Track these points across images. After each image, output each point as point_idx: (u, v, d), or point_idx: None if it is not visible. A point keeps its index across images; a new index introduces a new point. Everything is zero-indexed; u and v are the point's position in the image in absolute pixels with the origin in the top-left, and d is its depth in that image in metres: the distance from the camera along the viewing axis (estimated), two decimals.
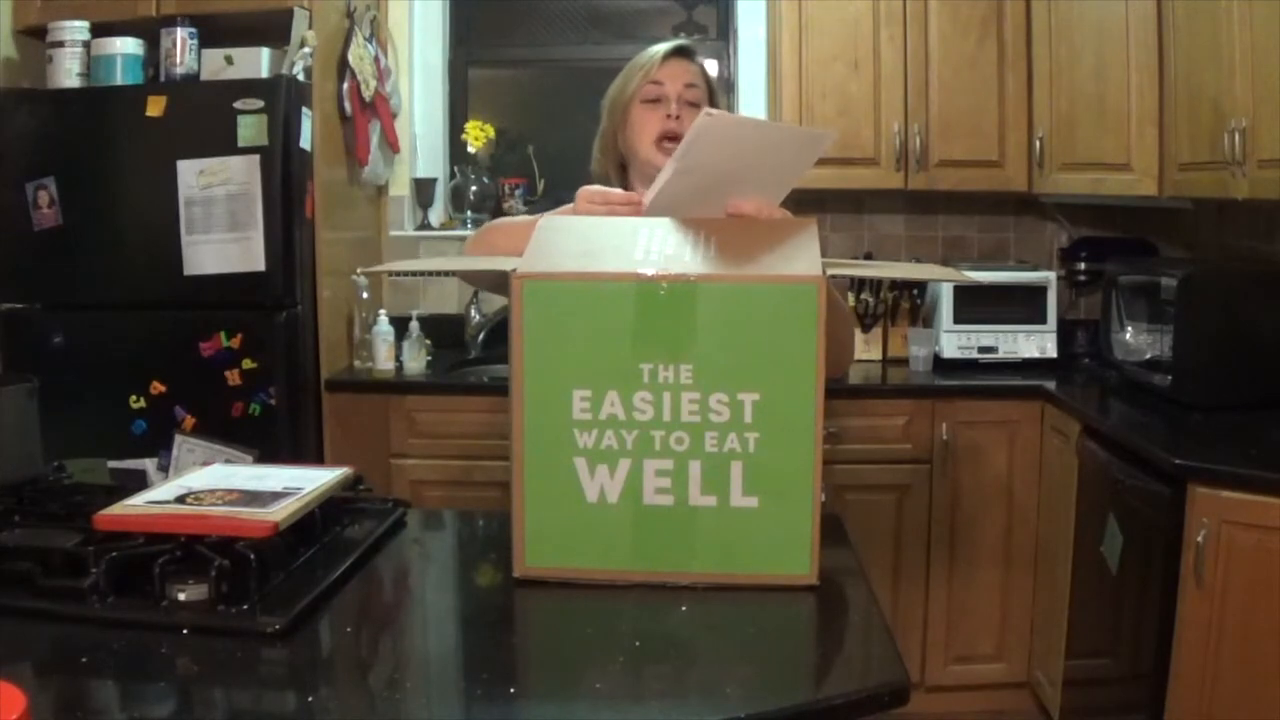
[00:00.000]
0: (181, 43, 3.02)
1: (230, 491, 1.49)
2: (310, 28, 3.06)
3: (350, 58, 3.25)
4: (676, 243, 1.45)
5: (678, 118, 1.90)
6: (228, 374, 2.96)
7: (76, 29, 3.05)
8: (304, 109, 3.01)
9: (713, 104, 1.97)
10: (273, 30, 3.05)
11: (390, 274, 3.62)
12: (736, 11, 3.77)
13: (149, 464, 2.98)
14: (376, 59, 3.38)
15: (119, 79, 3.04)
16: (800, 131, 1.66)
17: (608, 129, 2.00)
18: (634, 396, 1.37)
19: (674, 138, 1.90)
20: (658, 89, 1.93)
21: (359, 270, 1.65)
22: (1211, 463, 2.20)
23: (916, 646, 3.16)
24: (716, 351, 1.37)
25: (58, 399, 2.06)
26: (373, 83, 3.33)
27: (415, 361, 3.31)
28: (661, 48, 1.97)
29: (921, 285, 3.58)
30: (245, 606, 1.29)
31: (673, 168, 1.60)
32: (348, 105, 3.27)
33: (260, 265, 2.94)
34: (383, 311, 3.29)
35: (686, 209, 1.58)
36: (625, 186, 1.96)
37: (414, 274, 3.66)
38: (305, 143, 3.01)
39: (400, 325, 3.31)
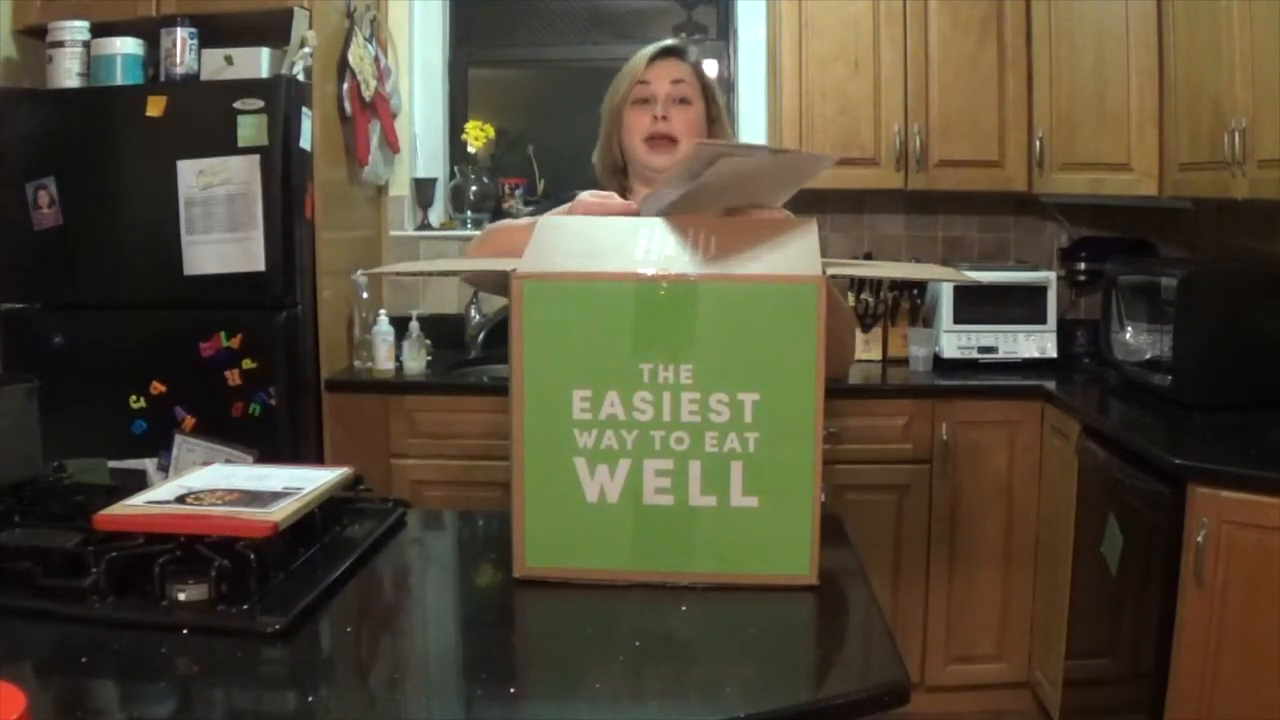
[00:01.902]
0: (181, 43, 3.02)
1: (230, 491, 1.49)
2: (310, 28, 3.06)
3: (350, 58, 3.25)
4: (676, 243, 1.45)
5: (664, 117, 1.91)
6: (228, 374, 2.96)
7: (76, 29, 3.05)
8: (304, 109, 3.01)
9: (709, 98, 1.97)
10: (273, 30, 3.05)
11: (394, 275, 3.62)
12: (736, 11, 3.78)
13: (149, 464, 2.98)
14: (376, 59, 3.38)
15: (119, 79, 3.04)
16: (806, 156, 1.69)
17: (604, 135, 2.02)
18: (634, 396, 1.37)
19: (662, 137, 1.91)
20: (645, 89, 1.94)
21: (361, 271, 1.66)
22: (1211, 463, 2.20)
23: (916, 646, 3.16)
24: (716, 351, 1.37)
25: (58, 399, 2.06)
26: (373, 83, 3.33)
27: (415, 361, 3.31)
28: (649, 49, 1.98)
29: (921, 285, 3.58)
30: (245, 606, 1.29)
31: (673, 195, 1.61)
32: (348, 105, 3.26)
33: (260, 265, 2.94)
34: (383, 311, 3.29)
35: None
36: (625, 190, 1.97)
37: (416, 275, 3.66)
38: (305, 143, 3.01)
39: (400, 325, 3.31)
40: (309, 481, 1.56)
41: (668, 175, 1.61)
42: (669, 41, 2.02)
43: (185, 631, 1.25)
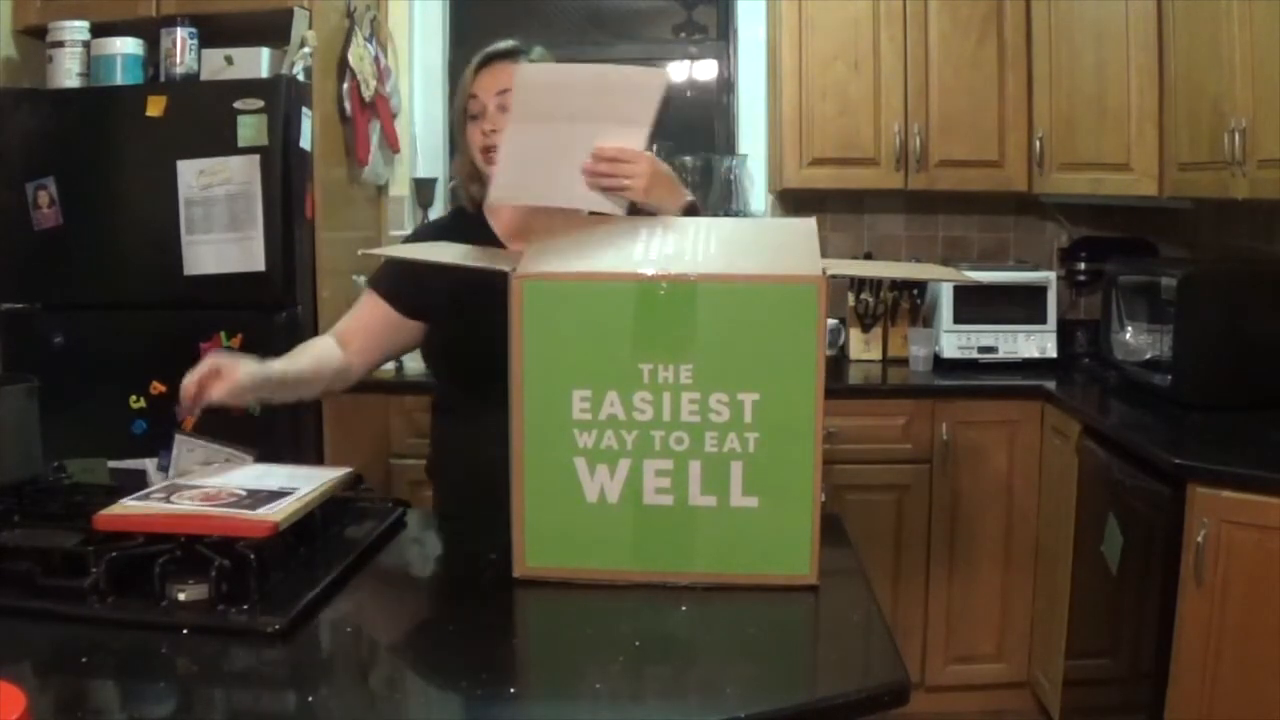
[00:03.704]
0: (181, 43, 3.02)
1: (230, 491, 1.49)
2: (310, 28, 3.06)
3: (350, 58, 3.25)
4: (676, 242, 1.45)
5: (492, 130, 1.85)
6: None
7: (76, 29, 3.04)
8: (304, 109, 3.01)
9: None
10: (273, 30, 3.05)
11: (395, 257, 3.61)
12: (736, 11, 3.77)
13: (149, 464, 2.97)
14: (376, 59, 3.38)
15: (119, 79, 3.04)
16: (629, 71, 1.68)
17: (459, 145, 1.97)
18: (634, 396, 1.37)
19: (493, 148, 1.84)
20: (475, 103, 1.89)
21: (361, 250, 1.66)
22: (1211, 463, 2.20)
23: (916, 646, 3.16)
24: (716, 351, 1.37)
25: (58, 399, 2.05)
26: (373, 83, 3.33)
27: (415, 361, 3.29)
28: (476, 58, 1.92)
29: (921, 285, 3.58)
30: (245, 606, 1.29)
31: (510, 125, 1.63)
32: (348, 105, 3.26)
33: (260, 265, 2.94)
34: None
35: (540, 166, 1.61)
36: (482, 199, 1.94)
37: (415, 260, 3.64)
38: (305, 143, 3.01)
39: None
40: (309, 481, 1.56)
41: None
42: (493, 47, 1.94)
43: (185, 631, 1.25)
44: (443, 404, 2.01)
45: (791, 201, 3.67)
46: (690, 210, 1.74)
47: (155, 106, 2.94)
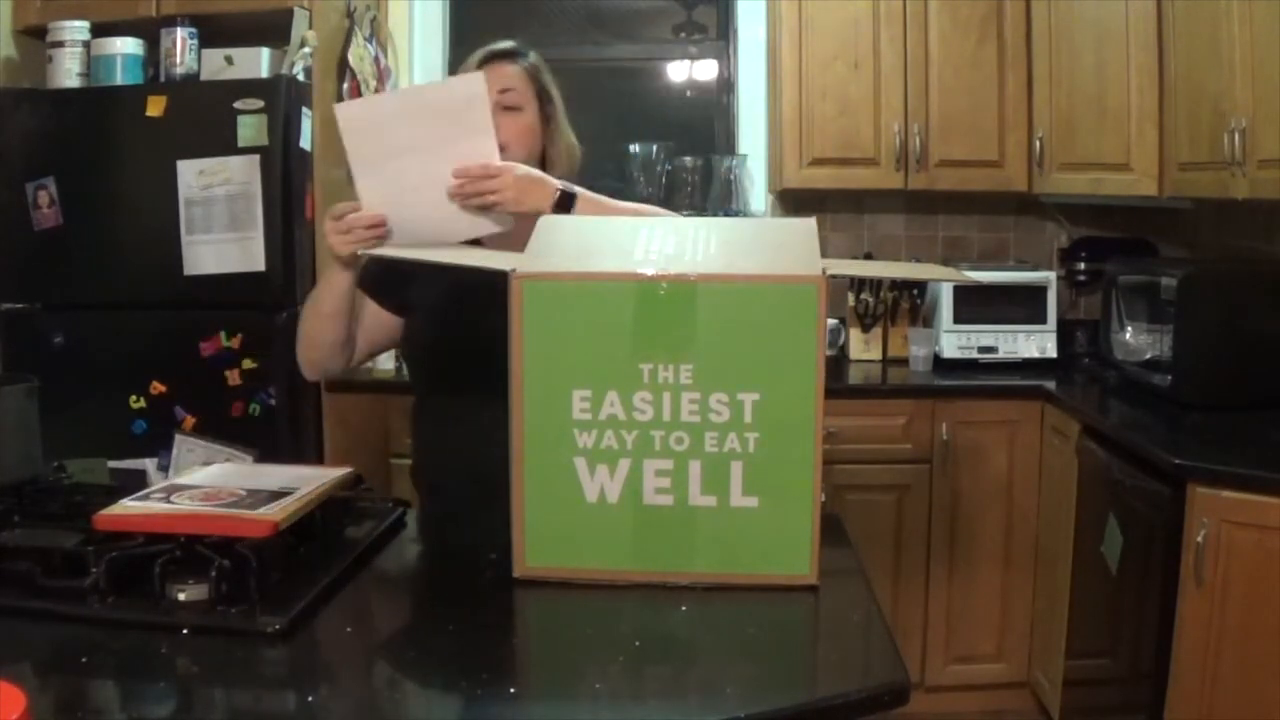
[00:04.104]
0: (181, 43, 3.02)
1: (230, 491, 1.49)
2: (310, 28, 3.06)
3: (350, 58, 3.25)
4: (676, 242, 1.45)
5: (496, 127, 1.81)
6: (228, 374, 2.96)
7: (76, 29, 3.05)
8: (304, 109, 3.01)
9: (543, 100, 1.91)
10: (273, 30, 3.05)
11: (397, 259, 3.62)
12: (736, 11, 3.78)
13: (149, 464, 2.97)
14: (376, 59, 3.38)
15: (119, 79, 3.04)
16: (446, 84, 1.68)
17: None
18: (634, 396, 1.37)
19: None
20: None
21: (360, 251, 1.65)
22: (1211, 463, 2.20)
23: (916, 646, 3.16)
24: (716, 351, 1.36)
25: (58, 399, 2.05)
26: (373, 83, 3.33)
27: None
28: (476, 55, 1.91)
29: (921, 285, 3.58)
30: (245, 606, 1.29)
31: (356, 176, 1.65)
32: None
33: (260, 265, 2.94)
34: None
35: (408, 208, 1.64)
36: None
37: (418, 262, 3.64)
38: (305, 143, 3.01)
39: None
40: (309, 481, 1.55)
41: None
42: (495, 46, 1.93)
43: (185, 631, 1.25)
44: (430, 405, 1.99)
45: (791, 201, 3.67)
46: (565, 196, 1.71)
47: (155, 106, 2.94)
